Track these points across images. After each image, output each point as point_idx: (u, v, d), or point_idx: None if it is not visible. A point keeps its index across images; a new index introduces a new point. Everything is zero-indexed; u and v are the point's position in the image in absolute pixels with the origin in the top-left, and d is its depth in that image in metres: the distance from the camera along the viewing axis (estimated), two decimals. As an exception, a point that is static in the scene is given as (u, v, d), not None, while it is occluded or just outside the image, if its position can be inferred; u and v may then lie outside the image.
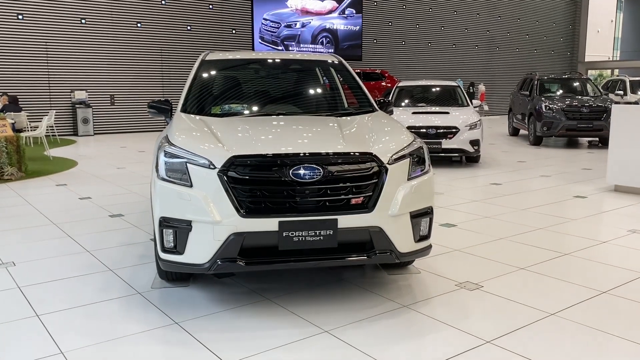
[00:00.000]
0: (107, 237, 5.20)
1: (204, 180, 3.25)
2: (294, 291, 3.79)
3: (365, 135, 3.70)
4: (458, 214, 6.13)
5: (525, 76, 15.02)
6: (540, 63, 27.44)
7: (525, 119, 13.52)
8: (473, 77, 24.38)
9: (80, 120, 15.79)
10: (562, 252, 4.68)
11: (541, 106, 12.52)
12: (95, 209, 6.39)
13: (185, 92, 4.45)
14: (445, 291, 3.79)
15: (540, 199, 7.00)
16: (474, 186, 8.08)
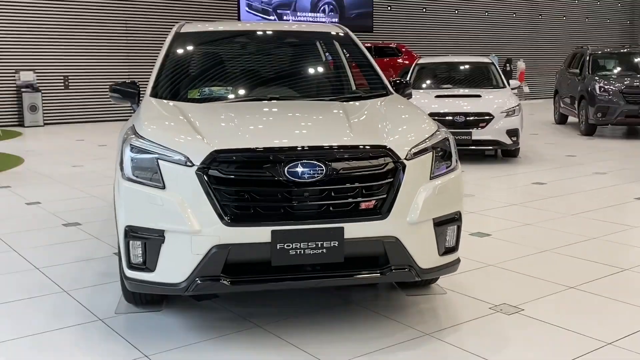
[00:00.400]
0: (61, 251, 5.20)
1: (179, 181, 3.25)
2: (291, 317, 3.78)
3: (378, 124, 3.70)
4: (492, 221, 6.13)
5: (575, 50, 15.02)
6: (593, 34, 27.42)
7: (574, 104, 13.53)
8: (510, 53, 24.38)
9: (27, 108, 15.82)
10: (620, 267, 4.68)
11: (594, 87, 12.52)
12: (46, 217, 6.40)
13: (156, 73, 4.46)
14: (478, 316, 3.79)
15: (593, 201, 6.99)
16: (512, 186, 8.07)
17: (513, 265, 4.71)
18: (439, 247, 3.51)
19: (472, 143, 9.33)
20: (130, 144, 3.44)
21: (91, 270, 4.69)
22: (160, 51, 4.70)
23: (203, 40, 4.99)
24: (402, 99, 4.44)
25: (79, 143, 12.68)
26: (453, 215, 3.59)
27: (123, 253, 3.41)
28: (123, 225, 3.37)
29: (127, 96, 4.51)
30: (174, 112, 3.92)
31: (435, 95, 9.86)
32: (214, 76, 4.70)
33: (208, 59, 4.89)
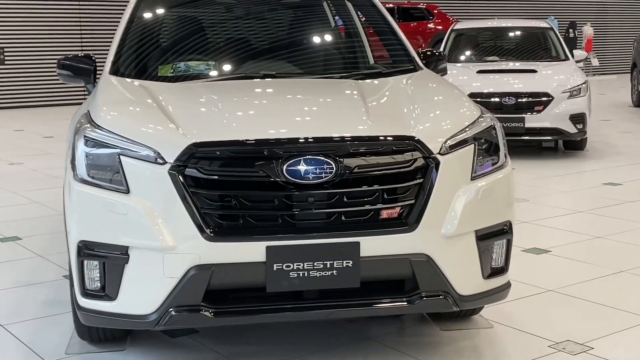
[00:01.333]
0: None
1: (148, 183, 3.27)
2: (291, 357, 3.77)
3: (403, 108, 3.71)
4: (552, 233, 6.12)
5: (658, 12, 14.98)
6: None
7: (658, 81, 13.50)
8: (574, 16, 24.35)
9: (-48, 89, 15.90)
10: None
11: (684, 59, 12.48)
12: (-23, 230, 6.42)
13: (117, 44, 4.48)
14: (534, 357, 3.77)
15: (683, 207, 6.98)
16: (577, 188, 8.06)
17: (579, 291, 4.71)
18: (483, 268, 3.51)
19: (526, 132, 9.34)
20: (84, 136, 3.45)
21: (35, 298, 4.70)
22: (122, 16, 4.71)
23: (177, 2, 5.01)
24: (435, 76, 4.45)
25: (17, 134, 12.74)
26: (502, 227, 3.59)
27: (76, 276, 3.41)
28: (75, 241, 3.37)
29: (80, 74, 4.52)
30: (140, 94, 3.93)
31: (477, 70, 9.88)
32: (191, 47, 4.71)
33: (183, 26, 4.91)
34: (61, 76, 4.58)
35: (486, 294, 3.57)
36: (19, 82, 16.89)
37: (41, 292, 4.81)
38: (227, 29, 5.01)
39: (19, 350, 3.95)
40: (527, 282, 4.81)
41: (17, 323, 4.30)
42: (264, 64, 4.63)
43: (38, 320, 4.34)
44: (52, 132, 12.65)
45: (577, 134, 9.53)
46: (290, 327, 4.12)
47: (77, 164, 3.44)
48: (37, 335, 4.11)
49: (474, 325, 4.15)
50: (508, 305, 4.37)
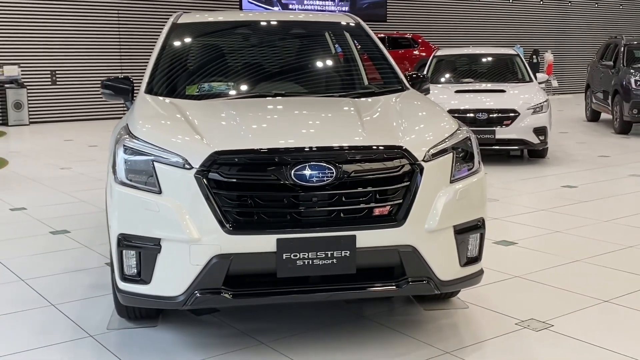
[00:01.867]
0: (48, 261, 5.23)
1: (177, 185, 3.27)
2: (298, 333, 3.78)
3: (393, 122, 3.71)
4: (518, 228, 6.12)
5: (608, 41, 14.97)
6: (628, 23, 27.31)
7: (608, 99, 13.48)
8: (537, 44, 24.33)
9: (11, 105, 15.92)
10: (660, 278, 4.67)
11: (630, 81, 12.47)
12: (32, 224, 6.43)
13: (151, 67, 4.48)
14: (503, 332, 3.78)
15: (630, 206, 6.97)
16: (540, 190, 8.05)
17: (541, 277, 4.70)
18: (460, 257, 3.51)
19: (496, 142, 9.32)
20: (123, 145, 3.46)
21: (81, 282, 4.71)
22: (156, 44, 4.72)
23: (202, 32, 5.02)
24: (419, 95, 4.45)
25: (67, 143, 12.75)
26: (476, 222, 3.58)
27: (116, 264, 3.42)
28: (116, 234, 3.38)
29: (120, 93, 4.52)
30: (170, 110, 3.94)
31: (455, 90, 9.86)
32: (214, 71, 4.72)
33: (207, 52, 4.91)
34: (104, 95, 4.58)
35: (463, 279, 3.57)
36: (68, 99, 16.89)
37: (86, 277, 4.81)
38: (244, 55, 5.01)
39: (67, 325, 3.96)
40: (497, 270, 4.80)
41: (66, 303, 4.31)
42: (275, 84, 4.63)
43: (84, 300, 4.35)
44: (96, 142, 12.66)
45: (539, 144, 9.50)
46: (295, 307, 4.13)
47: (117, 169, 3.45)
48: (82, 314, 4.13)
49: (453, 306, 4.15)
50: (481, 289, 4.37)
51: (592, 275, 4.76)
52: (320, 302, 4.15)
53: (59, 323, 3.99)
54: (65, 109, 16.86)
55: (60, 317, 4.08)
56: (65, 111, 16.86)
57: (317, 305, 4.16)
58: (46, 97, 16.63)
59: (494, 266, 4.82)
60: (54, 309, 4.22)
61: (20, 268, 5.04)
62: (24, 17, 16.16)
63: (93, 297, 4.40)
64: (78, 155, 11.05)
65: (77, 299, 4.37)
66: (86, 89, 16.96)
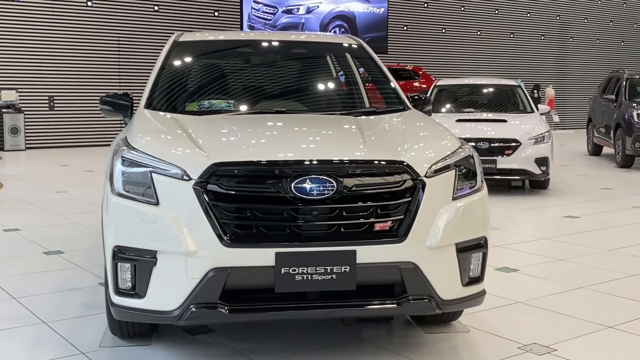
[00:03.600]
0: (41, 280, 5.19)
1: (175, 196, 3.25)
2: (295, 354, 3.74)
3: (395, 138, 3.72)
4: (520, 255, 6.10)
5: (610, 75, 15.10)
6: (629, 59, 27.59)
7: (610, 133, 13.55)
8: (538, 79, 24.53)
9: (8, 130, 15.96)
10: (665, 306, 4.63)
11: (632, 115, 12.54)
12: (26, 244, 6.40)
13: (152, 83, 4.50)
14: (505, 356, 3.74)
15: (632, 237, 6.95)
16: (542, 219, 8.03)
17: (544, 303, 4.66)
18: (462, 277, 3.49)
19: (497, 172, 9.33)
20: (121, 156, 3.45)
21: (73, 301, 4.67)
22: (157, 61, 4.74)
23: (203, 51, 5.04)
24: (422, 114, 4.46)
25: (63, 168, 12.75)
26: (478, 241, 3.57)
27: (110, 277, 3.39)
28: (111, 246, 3.35)
29: (119, 109, 4.53)
30: (170, 124, 3.95)
31: (456, 119, 9.90)
32: (215, 88, 4.73)
33: (208, 71, 4.94)
34: (103, 111, 4.58)
35: (465, 299, 3.53)
36: (66, 125, 16.94)
37: (79, 296, 4.77)
38: (245, 74, 5.03)
39: (59, 343, 3.91)
40: (499, 295, 4.77)
41: (58, 321, 4.26)
42: (276, 102, 4.65)
43: (76, 319, 4.30)
44: (93, 167, 12.66)
45: (541, 174, 9.52)
46: (292, 328, 4.09)
47: (114, 180, 3.43)
48: (75, 331, 4.08)
49: (453, 329, 4.10)
50: (483, 313, 4.33)
51: (596, 302, 4.73)
52: (318, 321, 4.12)
53: (51, 340, 3.95)
54: (62, 135, 16.91)
55: (52, 335, 4.03)
56: (62, 137, 16.90)
57: (314, 325, 4.11)
58: (43, 123, 16.68)
59: (496, 292, 4.78)
60: (45, 326, 4.17)
61: (12, 286, 4.99)
62: (23, 42, 16.28)
63: (86, 316, 4.35)
64: (74, 180, 11.05)
65: (69, 317, 4.32)
66: (84, 115, 17.03)
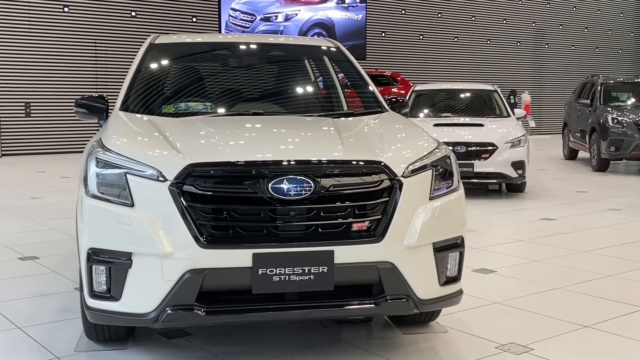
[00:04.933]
0: (16, 285, 5.13)
1: (150, 198, 3.22)
2: (273, 357, 3.71)
3: (372, 139, 3.72)
4: (497, 257, 6.12)
5: (585, 80, 15.26)
6: (603, 65, 27.93)
7: (585, 137, 13.68)
8: (514, 84, 24.74)
9: (-17, 137, 15.77)
10: (639, 305, 4.66)
11: (607, 119, 12.67)
12: (1, 250, 6.32)
13: (127, 85, 4.46)
14: (483, 356, 3.74)
15: (608, 238, 7.01)
16: (519, 222, 8.08)
17: (521, 303, 4.68)
18: (440, 276, 3.48)
19: (474, 176, 9.37)
20: (96, 158, 3.41)
21: (49, 306, 4.61)
22: (132, 63, 4.70)
23: (179, 53, 5.01)
24: (399, 116, 4.47)
25: (39, 174, 12.61)
26: (455, 241, 3.57)
27: (85, 280, 3.34)
28: (86, 248, 3.31)
29: (94, 112, 4.48)
30: (145, 126, 3.91)
31: (433, 124, 9.93)
32: (192, 91, 4.70)
33: (185, 73, 4.91)
34: (78, 113, 4.53)
35: (442, 298, 3.53)
36: (43, 131, 16.77)
37: (55, 302, 4.71)
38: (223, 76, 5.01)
39: (34, 348, 3.85)
40: (477, 296, 4.78)
41: (33, 326, 4.20)
42: (254, 104, 4.63)
43: (51, 324, 4.25)
44: (70, 173, 12.53)
45: (517, 178, 9.57)
46: (270, 330, 4.06)
47: (89, 182, 3.39)
48: (50, 336, 4.03)
49: (432, 330, 4.10)
50: (461, 314, 4.34)
51: (572, 302, 4.75)
52: (297, 323, 4.10)
53: (25, 345, 3.89)
54: (38, 141, 16.73)
55: (26, 340, 3.97)
56: (38, 143, 16.72)
57: (293, 327, 4.09)
58: (20, 129, 16.50)
59: (474, 293, 4.79)
60: (20, 331, 4.11)
61: (-14, 292, 4.93)
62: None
63: (61, 321, 4.29)
64: (50, 186, 10.93)
65: (45, 322, 4.26)
66: (61, 122, 16.87)
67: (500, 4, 25.05)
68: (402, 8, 22.56)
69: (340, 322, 4.17)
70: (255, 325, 4.10)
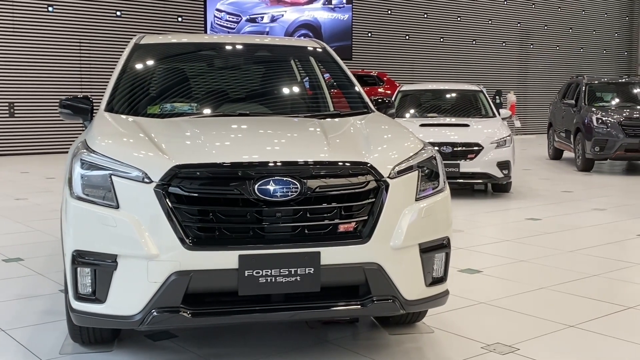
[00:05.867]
0: (0, 287, 5.09)
1: (135, 199, 3.21)
2: (261, 357, 3.71)
3: (359, 140, 3.72)
4: (483, 257, 6.14)
5: (570, 81, 15.35)
6: (588, 65, 28.12)
7: (570, 137, 13.76)
8: (500, 85, 24.85)
9: (-33, 137, 15.63)
10: (623, 304, 4.70)
11: (591, 119, 12.75)
12: (-16, 252, 6.26)
13: (112, 86, 4.44)
14: (469, 356, 3.75)
15: (592, 238, 7.06)
16: (504, 222, 8.12)
17: (507, 303, 4.70)
18: (426, 277, 3.49)
19: (460, 176, 9.40)
20: (80, 159, 3.39)
21: (34, 308, 4.58)
22: (117, 64, 4.67)
23: (165, 53, 4.99)
24: (385, 117, 4.47)
25: (23, 175, 12.53)
26: (441, 241, 3.57)
27: (70, 282, 3.32)
28: (70, 250, 3.29)
29: (79, 112, 4.45)
30: (130, 127, 3.90)
31: (420, 124, 9.95)
32: (177, 92, 4.69)
33: (170, 73, 4.89)
34: (62, 114, 4.50)
35: (428, 299, 3.54)
36: (27, 132, 16.64)
37: (39, 304, 4.68)
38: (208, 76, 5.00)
39: (18, 351, 3.83)
40: (463, 296, 4.79)
41: (17, 329, 4.17)
42: (239, 105, 4.62)
43: (36, 326, 4.22)
44: (54, 174, 12.45)
45: (503, 178, 9.61)
46: (257, 331, 4.06)
47: (73, 183, 3.37)
48: (34, 339, 4.00)
49: (418, 330, 4.11)
50: (447, 314, 4.35)
51: (557, 302, 4.78)
52: (283, 325, 4.09)
53: (9, 348, 3.86)
54: (22, 142, 16.60)
55: (10, 343, 3.94)
56: (22, 144, 16.59)
57: (279, 328, 4.09)
58: (3, 129, 16.36)
59: (460, 293, 4.81)
60: (4, 334, 4.08)
61: (-31, 294, 4.89)
62: (-17, 48, 15.98)
63: (46, 323, 4.26)
64: (34, 187, 10.86)
65: (29, 325, 4.23)
66: (45, 122, 16.75)
67: (485, 5, 25.15)
68: (388, 8, 22.60)
69: (327, 323, 4.17)
70: (242, 327, 4.09)
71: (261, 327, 4.11)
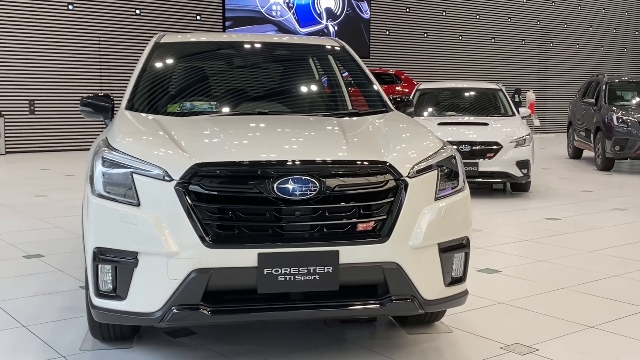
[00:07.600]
0: (21, 283, 5.14)
1: (156, 197, 3.23)
2: (277, 356, 3.72)
3: (377, 139, 3.72)
4: (502, 257, 6.12)
5: (590, 79, 15.22)
6: (608, 64, 27.86)
7: (590, 136, 13.66)
8: (519, 83, 24.70)
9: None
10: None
11: (612, 118, 12.64)
12: (5, 248, 6.33)
13: (133, 85, 4.47)
14: (487, 356, 3.74)
15: (613, 238, 7.00)
16: (523, 222, 8.07)
17: (526, 303, 4.68)
18: (445, 277, 3.48)
19: (479, 175, 9.36)
20: (102, 157, 3.42)
21: (54, 304, 4.62)
22: (138, 62, 4.71)
23: (185, 52, 5.02)
24: (404, 116, 4.46)
25: (43, 172, 12.63)
26: (460, 241, 3.57)
27: (91, 279, 3.35)
28: (92, 247, 3.32)
29: (100, 110, 4.47)
30: (151, 125, 3.92)
31: (438, 122, 9.92)
32: (197, 90, 4.71)
33: (190, 72, 4.91)
34: (83, 112, 4.52)
35: (447, 299, 3.53)
36: (47, 129, 16.78)
37: (60, 300, 4.72)
38: (227, 75, 5.02)
39: (39, 346, 3.87)
40: (481, 296, 4.78)
41: (38, 324, 4.21)
42: (259, 104, 4.63)
43: (56, 322, 4.26)
44: (74, 171, 12.56)
45: (522, 177, 9.56)
46: (275, 329, 4.07)
47: (95, 181, 3.40)
48: (55, 335, 4.04)
49: (436, 330, 4.11)
50: (465, 314, 4.34)
51: (577, 302, 4.75)
52: (301, 323, 4.10)
53: (30, 344, 3.90)
54: (43, 139, 16.75)
55: (31, 338, 3.98)
56: (43, 141, 16.74)
57: (297, 327, 4.10)
58: (24, 127, 16.51)
59: (478, 293, 4.79)
60: (25, 330, 4.13)
61: (-9, 290, 4.94)
62: (3, 45, 16.12)
63: (66, 319, 4.30)
64: (54, 184, 10.95)
65: (49, 321, 4.27)
66: (65, 119, 16.88)
67: (504, 3, 25.00)
68: (407, 6, 22.54)
69: (345, 321, 4.18)
70: (260, 325, 4.11)
71: (279, 325, 4.12)
